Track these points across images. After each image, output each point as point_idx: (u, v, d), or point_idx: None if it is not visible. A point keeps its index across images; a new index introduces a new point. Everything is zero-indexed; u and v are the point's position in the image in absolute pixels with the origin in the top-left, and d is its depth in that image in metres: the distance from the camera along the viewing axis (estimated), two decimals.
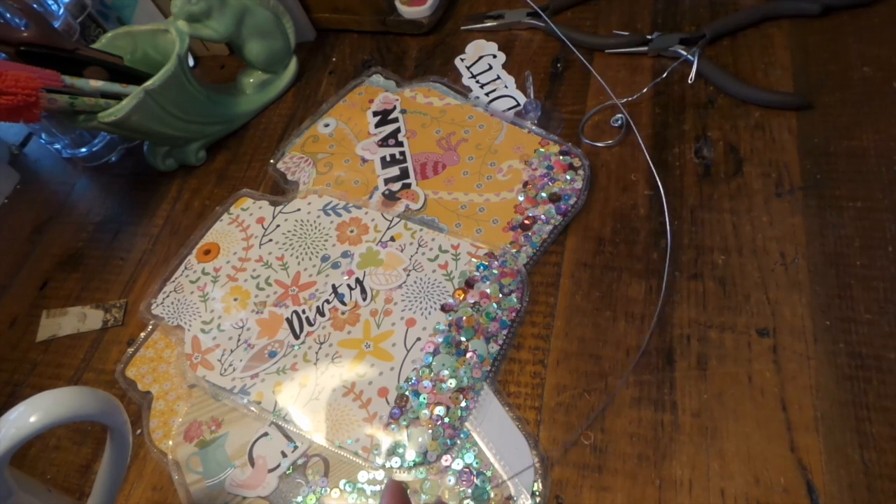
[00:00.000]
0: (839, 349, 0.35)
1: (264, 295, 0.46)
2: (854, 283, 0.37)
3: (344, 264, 0.46)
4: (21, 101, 0.43)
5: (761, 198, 0.41)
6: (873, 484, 0.31)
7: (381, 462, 0.37)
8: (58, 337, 0.49)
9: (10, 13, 0.51)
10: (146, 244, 0.53)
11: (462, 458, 0.36)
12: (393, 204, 0.48)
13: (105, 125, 0.49)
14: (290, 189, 0.52)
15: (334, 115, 0.55)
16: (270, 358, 0.42)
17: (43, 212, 0.58)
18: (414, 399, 0.38)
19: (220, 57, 0.65)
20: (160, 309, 0.47)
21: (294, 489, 0.37)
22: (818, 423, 0.33)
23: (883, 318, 0.35)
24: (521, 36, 0.56)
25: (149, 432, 0.42)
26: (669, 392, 0.36)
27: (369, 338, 0.42)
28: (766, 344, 0.36)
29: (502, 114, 0.50)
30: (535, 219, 0.44)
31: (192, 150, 0.56)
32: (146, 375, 0.44)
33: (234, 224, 0.50)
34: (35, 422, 0.27)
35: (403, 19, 0.58)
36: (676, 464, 0.34)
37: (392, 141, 0.52)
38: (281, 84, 0.59)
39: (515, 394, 0.38)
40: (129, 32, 0.54)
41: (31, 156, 0.65)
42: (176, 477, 0.39)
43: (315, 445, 0.39)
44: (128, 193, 0.57)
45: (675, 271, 0.40)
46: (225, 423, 0.41)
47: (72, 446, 0.43)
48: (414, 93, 0.54)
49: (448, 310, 0.41)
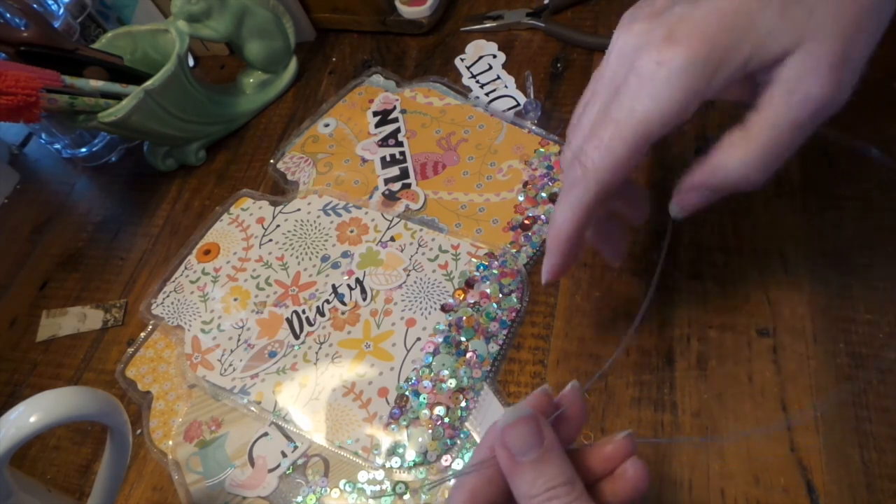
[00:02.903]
0: (839, 349, 0.35)
1: (264, 295, 0.46)
2: (854, 283, 0.37)
3: (344, 264, 0.46)
4: (21, 101, 0.43)
5: (761, 198, 0.41)
6: (873, 484, 0.31)
7: (381, 462, 0.37)
8: (58, 337, 0.49)
9: (10, 13, 0.51)
10: (146, 244, 0.53)
11: (462, 458, 0.36)
12: (393, 204, 0.48)
13: (105, 125, 0.49)
14: (290, 189, 0.52)
15: (334, 115, 0.55)
16: (270, 358, 0.42)
17: (43, 212, 0.58)
18: (414, 399, 0.38)
19: (220, 57, 0.65)
20: (160, 309, 0.47)
21: (294, 489, 0.37)
22: (818, 423, 0.33)
23: (883, 318, 0.35)
24: (521, 36, 0.56)
25: (149, 432, 0.42)
26: (669, 392, 0.36)
27: (369, 338, 0.42)
28: (766, 344, 0.36)
29: (502, 114, 0.51)
30: (535, 219, 0.44)
31: (192, 150, 0.56)
32: (146, 375, 0.44)
33: (234, 224, 0.50)
34: (35, 422, 0.27)
35: (403, 19, 0.58)
36: (676, 464, 0.34)
37: (392, 141, 0.52)
38: (281, 84, 0.59)
39: (515, 394, 0.38)
40: (129, 32, 0.54)
41: (31, 156, 0.65)
42: (176, 477, 0.39)
43: (315, 445, 0.39)
44: (128, 193, 0.57)
45: (675, 271, 0.40)
46: (225, 423, 0.41)
47: (72, 446, 0.43)
48: (414, 93, 0.54)
49: (448, 310, 0.41)
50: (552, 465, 0.23)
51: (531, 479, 0.22)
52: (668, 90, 0.26)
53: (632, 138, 0.27)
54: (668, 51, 0.26)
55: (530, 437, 0.23)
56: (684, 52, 0.25)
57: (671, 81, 0.25)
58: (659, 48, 0.26)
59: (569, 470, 0.23)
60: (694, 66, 0.25)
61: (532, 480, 0.22)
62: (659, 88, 0.26)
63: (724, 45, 0.25)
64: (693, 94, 0.26)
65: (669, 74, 0.25)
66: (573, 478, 0.22)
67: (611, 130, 0.27)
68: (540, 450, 0.23)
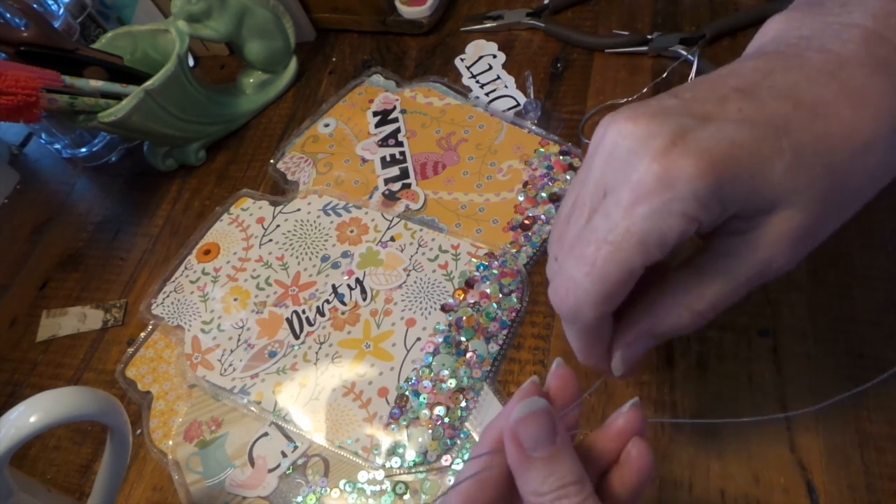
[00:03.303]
0: (839, 349, 0.35)
1: (264, 295, 0.46)
2: (854, 283, 0.37)
3: (344, 264, 0.46)
4: (21, 101, 0.43)
5: None
6: (873, 484, 0.31)
7: (381, 462, 0.37)
8: (58, 337, 0.49)
9: (10, 13, 0.51)
10: (146, 244, 0.53)
11: (462, 458, 0.36)
12: (393, 204, 0.48)
13: (105, 125, 0.49)
14: (290, 189, 0.52)
15: (334, 115, 0.55)
16: (270, 358, 0.42)
17: (43, 212, 0.58)
18: (414, 399, 0.38)
19: (220, 57, 0.65)
20: (160, 309, 0.47)
21: (294, 489, 0.37)
22: (818, 423, 0.33)
23: (883, 318, 0.35)
24: (521, 36, 0.56)
25: (149, 432, 0.42)
26: (669, 392, 0.36)
27: (369, 338, 0.42)
28: (766, 344, 0.36)
29: (502, 114, 0.51)
30: (535, 219, 0.44)
31: (192, 150, 0.56)
32: (146, 375, 0.44)
33: (234, 224, 0.50)
34: (35, 422, 0.28)
35: (403, 19, 0.58)
36: (676, 464, 0.34)
37: (392, 141, 0.52)
38: (281, 84, 0.59)
39: None
40: (129, 32, 0.54)
41: (31, 156, 0.65)
42: (176, 477, 0.39)
43: (315, 445, 0.39)
44: (128, 193, 0.57)
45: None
46: (225, 423, 0.41)
47: (72, 446, 0.43)
48: (414, 93, 0.54)
49: (448, 310, 0.41)
50: (564, 462, 0.22)
51: (542, 476, 0.22)
52: (670, 212, 0.22)
53: (633, 257, 0.23)
54: (676, 165, 0.21)
55: (544, 431, 0.22)
56: (694, 171, 0.21)
57: (673, 205, 0.21)
58: (663, 158, 0.22)
59: (580, 469, 0.22)
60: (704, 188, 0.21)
61: (543, 477, 0.22)
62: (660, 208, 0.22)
63: (732, 176, 0.22)
64: (692, 221, 0.22)
65: (676, 195, 0.21)
66: (583, 477, 0.22)
67: (604, 253, 0.23)
68: (553, 446, 0.22)
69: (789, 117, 0.22)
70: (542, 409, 0.22)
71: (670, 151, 0.22)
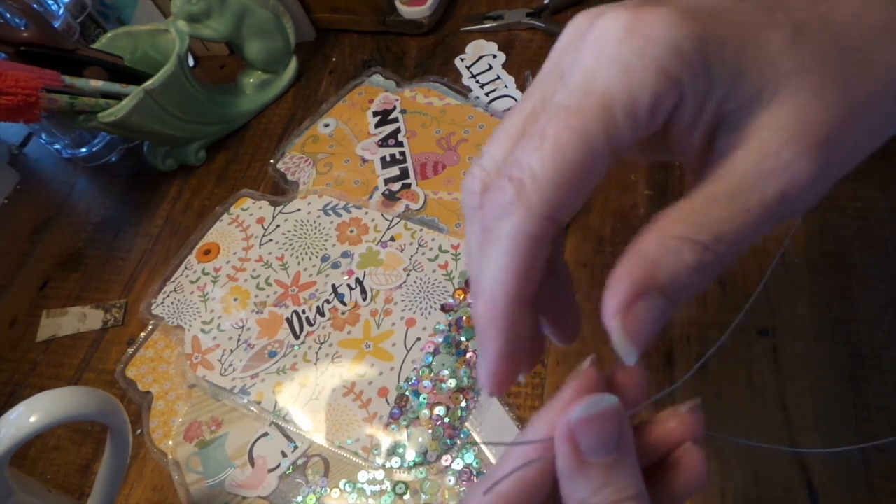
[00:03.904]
0: (839, 349, 0.35)
1: (264, 295, 0.46)
2: (854, 283, 0.37)
3: (344, 264, 0.46)
4: (21, 101, 0.43)
5: None
6: (873, 484, 0.31)
7: (381, 462, 0.37)
8: (58, 337, 0.49)
9: (10, 13, 0.51)
10: (146, 244, 0.53)
11: (462, 458, 0.36)
12: (393, 204, 0.48)
13: (105, 125, 0.49)
14: (290, 189, 0.52)
15: (334, 115, 0.55)
16: (270, 358, 0.42)
17: (43, 212, 0.58)
18: (414, 399, 0.38)
19: (220, 57, 0.65)
20: (160, 309, 0.47)
21: (294, 489, 0.37)
22: (818, 423, 0.33)
23: (883, 318, 0.35)
24: (521, 36, 0.56)
25: (149, 432, 0.42)
26: (669, 392, 0.36)
27: (369, 338, 0.42)
28: (766, 344, 0.36)
29: (502, 114, 0.51)
30: None
31: (192, 150, 0.56)
32: (146, 375, 0.44)
33: (234, 224, 0.50)
34: (35, 422, 0.28)
35: (403, 19, 0.58)
36: None
37: (392, 141, 0.52)
38: (281, 84, 0.59)
39: (515, 394, 0.38)
40: (129, 32, 0.54)
41: (31, 156, 0.65)
42: (176, 477, 0.39)
43: (315, 445, 0.39)
44: (128, 193, 0.57)
45: None
46: (225, 423, 0.41)
47: (72, 446, 0.43)
48: (414, 93, 0.54)
49: (448, 310, 0.41)
50: (624, 472, 0.18)
51: (596, 486, 0.18)
52: (642, 63, 0.17)
53: (592, 125, 0.17)
54: (646, 14, 0.17)
55: (610, 435, 0.18)
56: (673, 19, 0.17)
57: (646, 52, 0.17)
58: (630, 10, 0.17)
59: (640, 481, 0.18)
60: (685, 38, 0.17)
61: (597, 487, 0.18)
62: (629, 59, 0.17)
63: (719, 38, 0.17)
64: (671, 83, 0.17)
65: (645, 43, 0.17)
66: (643, 492, 0.18)
67: (556, 122, 0.17)
68: (616, 453, 0.18)
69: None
70: (612, 410, 0.18)
71: (644, 3, 0.17)
